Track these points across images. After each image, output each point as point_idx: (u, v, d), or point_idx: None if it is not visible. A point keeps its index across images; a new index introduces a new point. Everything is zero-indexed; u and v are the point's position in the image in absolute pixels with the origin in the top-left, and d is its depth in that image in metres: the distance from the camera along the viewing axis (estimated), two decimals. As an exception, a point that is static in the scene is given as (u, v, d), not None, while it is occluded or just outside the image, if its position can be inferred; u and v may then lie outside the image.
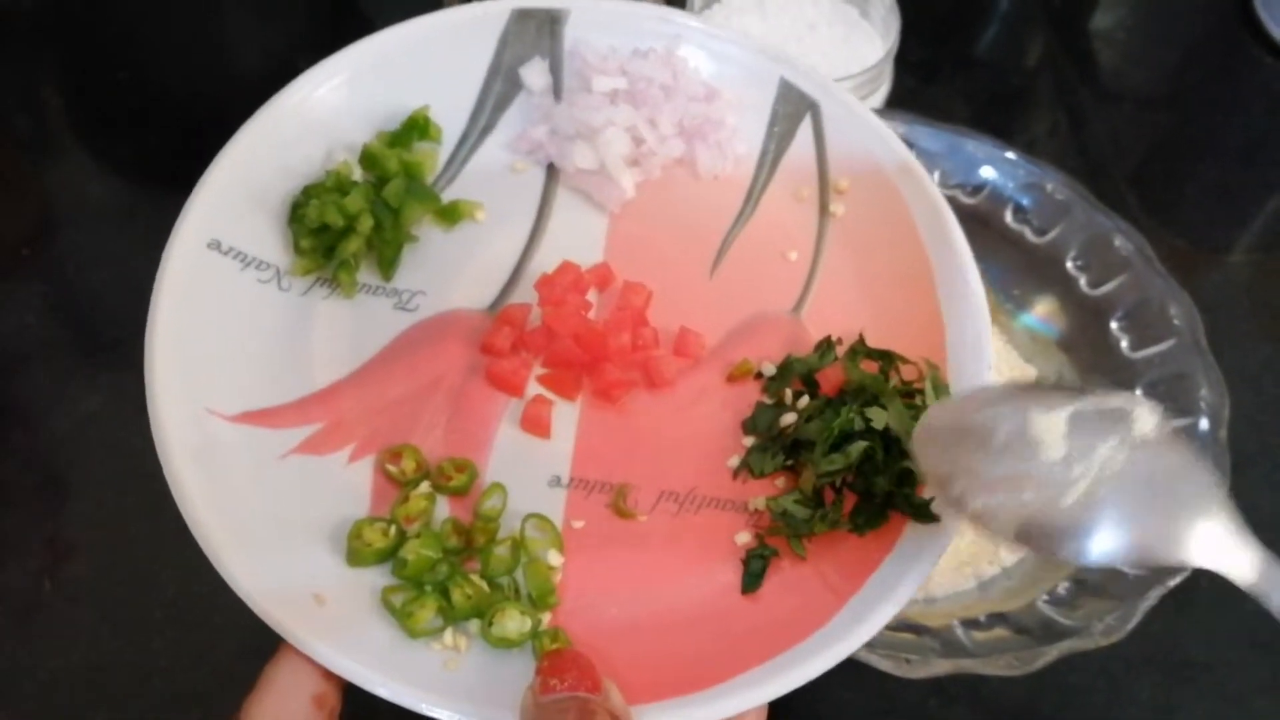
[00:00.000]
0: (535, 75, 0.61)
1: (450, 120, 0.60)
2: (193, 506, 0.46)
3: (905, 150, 0.60)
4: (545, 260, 0.57)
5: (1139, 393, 0.68)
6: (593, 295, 0.56)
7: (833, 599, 0.48)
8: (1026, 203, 0.74)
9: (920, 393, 0.53)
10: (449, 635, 0.46)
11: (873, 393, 0.52)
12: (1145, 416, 0.43)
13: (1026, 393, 0.45)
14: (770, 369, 0.55)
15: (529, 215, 0.59)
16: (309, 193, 0.56)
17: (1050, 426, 0.42)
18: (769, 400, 0.54)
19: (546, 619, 0.48)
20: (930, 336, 0.55)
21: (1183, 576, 0.60)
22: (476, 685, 0.45)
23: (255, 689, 0.44)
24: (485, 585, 0.48)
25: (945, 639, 0.61)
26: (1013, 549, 0.43)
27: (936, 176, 0.72)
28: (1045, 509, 0.41)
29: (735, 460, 0.53)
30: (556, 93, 0.62)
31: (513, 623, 0.46)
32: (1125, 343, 0.70)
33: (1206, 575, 0.63)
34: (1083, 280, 0.72)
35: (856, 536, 0.50)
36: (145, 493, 0.65)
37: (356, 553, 0.48)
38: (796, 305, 0.58)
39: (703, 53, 0.62)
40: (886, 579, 0.48)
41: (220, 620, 0.63)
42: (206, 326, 0.52)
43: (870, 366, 0.54)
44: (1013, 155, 0.74)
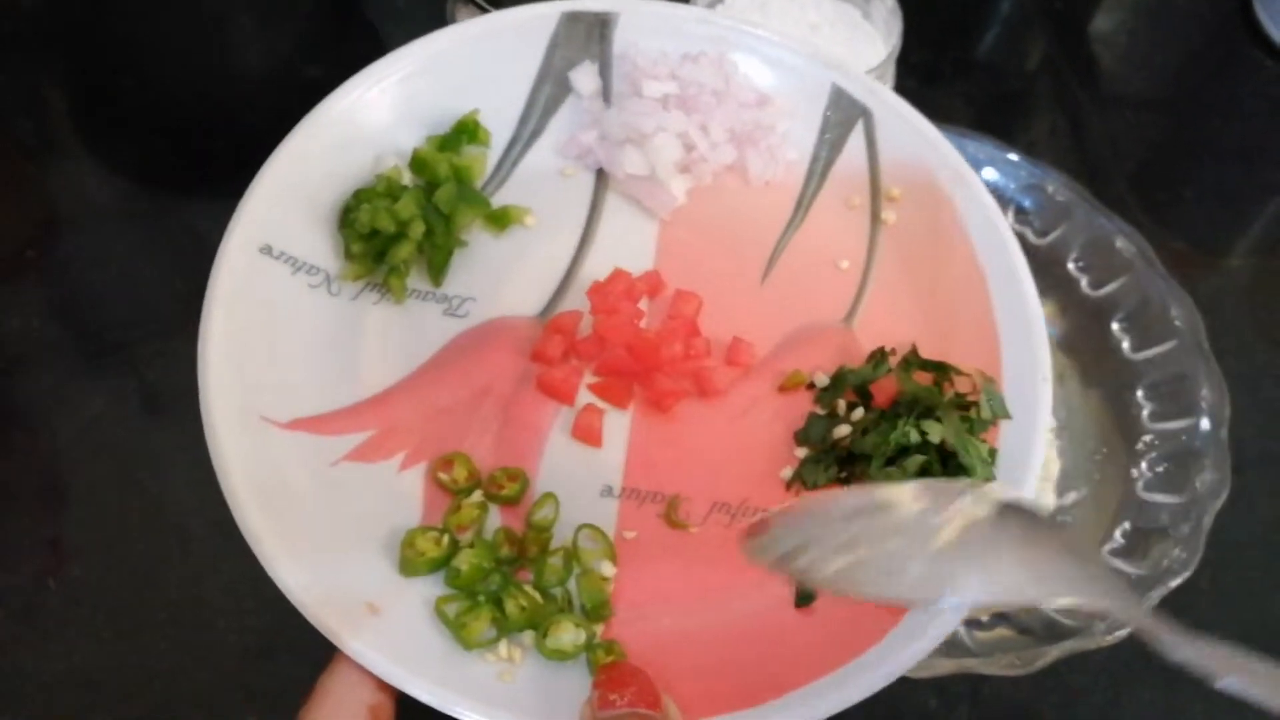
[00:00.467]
0: (585, 79, 0.61)
1: (499, 124, 0.60)
2: (248, 515, 0.46)
3: (958, 157, 0.59)
4: (595, 267, 0.57)
5: (1140, 394, 0.69)
6: (643, 303, 0.56)
7: (887, 614, 0.48)
8: (1028, 204, 0.74)
9: (975, 405, 0.53)
10: (503, 647, 0.46)
11: (927, 405, 0.52)
12: (998, 487, 0.44)
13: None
14: (823, 380, 0.54)
15: (579, 221, 0.59)
16: (360, 197, 0.55)
17: (899, 491, 0.42)
18: (822, 411, 0.54)
19: (600, 631, 0.48)
20: (984, 347, 0.55)
21: (1184, 577, 0.60)
22: (532, 698, 0.45)
23: (310, 699, 0.44)
24: (538, 596, 0.48)
25: (947, 638, 0.61)
26: (881, 603, 0.43)
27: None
28: (910, 557, 0.39)
29: (788, 472, 0.52)
30: (606, 97, 0.61)
31: (567, 635, 0.46)
32: (1126, 344, 0.70)
33: (1206, 576, 0.64)
34: (1084, 281, 0.72)
35: (911, 551, 0.50)
36: (148, 495, 0.66)
37: (409, 562, 0.48)
38: (848, 315, 0.57)
39: (754, 58, 0.61)
40: (943, 595, 0.48)
41: (223, 623, 0.63)
42: (258, 332, 0.51)
43: (924, 378, 0.54)
44: (1014, 157, 0.73)
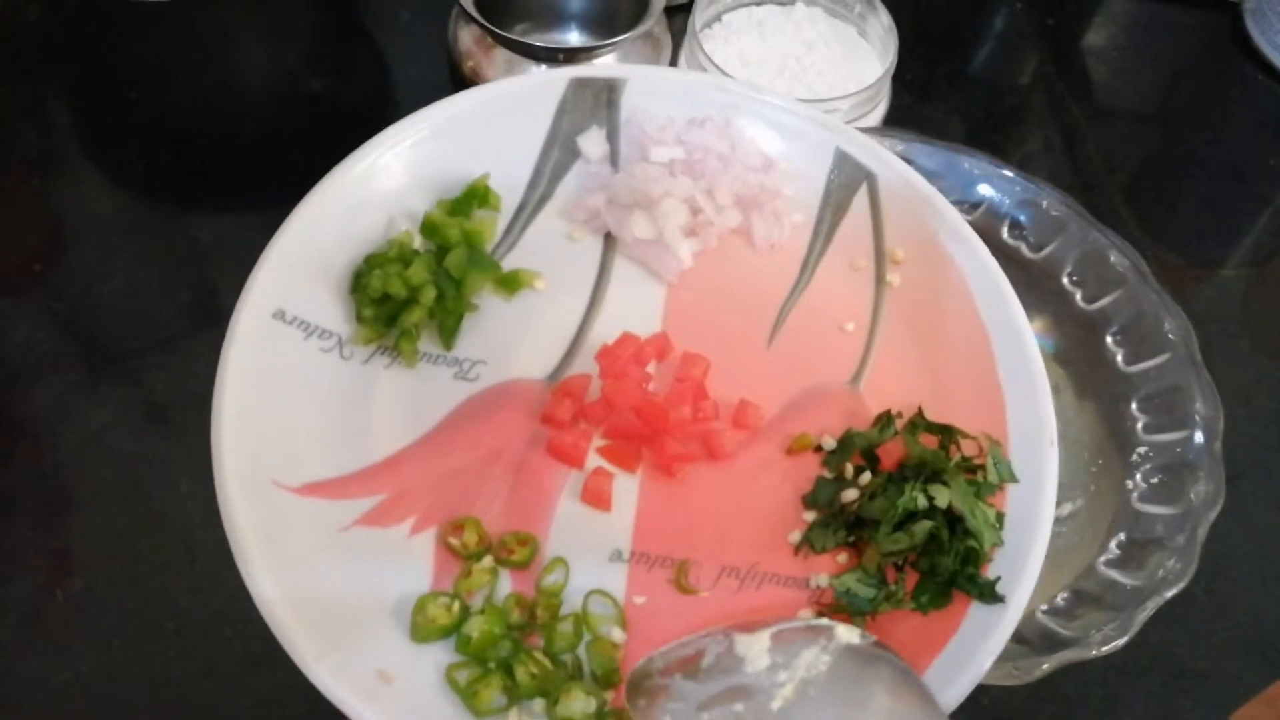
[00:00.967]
0: (593, 144, 0.62)
1: (509, 188, 0.61)
2: (260, 583, 0.46)
3: (959, 218, 0.60)
4: (604, 330, 0.58)
5: (1134, 407, 0.69)
6: (651, 366, 0.56)
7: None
8: (1023, 219, 0.74)
9: (981, 468, 0.53)
10: (514, 715, 0.46)
11: (934, 469, 0.52)
12: (846, 631, 0.46)
13: (733, 625, 0.48)
14: (830, 443, 0.55)
15: (587, 285, 0.60)
16: (371, 262, 0.56)
17: (754, 642, 0.45)
18: (829, 475, 0.54)
19: (611, 698, 0.48)
20: (990, 409, 0.55)
21: (1179, 587, 0.60)
22: (543, 767, 0.45)
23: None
24: (549, 663, 0.48)
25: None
26: None
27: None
28: (758, 717, 0.43)
29: (796, 535, 0.53)
30: (614, 161, 0.62)
31: (578, 703, 0.46)
32: (1120, 356, 0.71)
33: (1202, 586, 0.64)
34: (1078, 295, 0.73)
35: (920, 615, 0.50)
36: (153, 505, 0.67)
37: (421, 628, 0.48)
38: (854, 377, 0.58)
39: (759, 122, 0.62)
40: (953, 660, 0.48)
41: (230, 632, 0.63)
42: (271, 397, 0.52)
43: (930, 441, 0.54)
44: (1009, 172, 0.74)
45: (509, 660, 0.47)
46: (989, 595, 0.49)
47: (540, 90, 0.62)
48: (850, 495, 0.53)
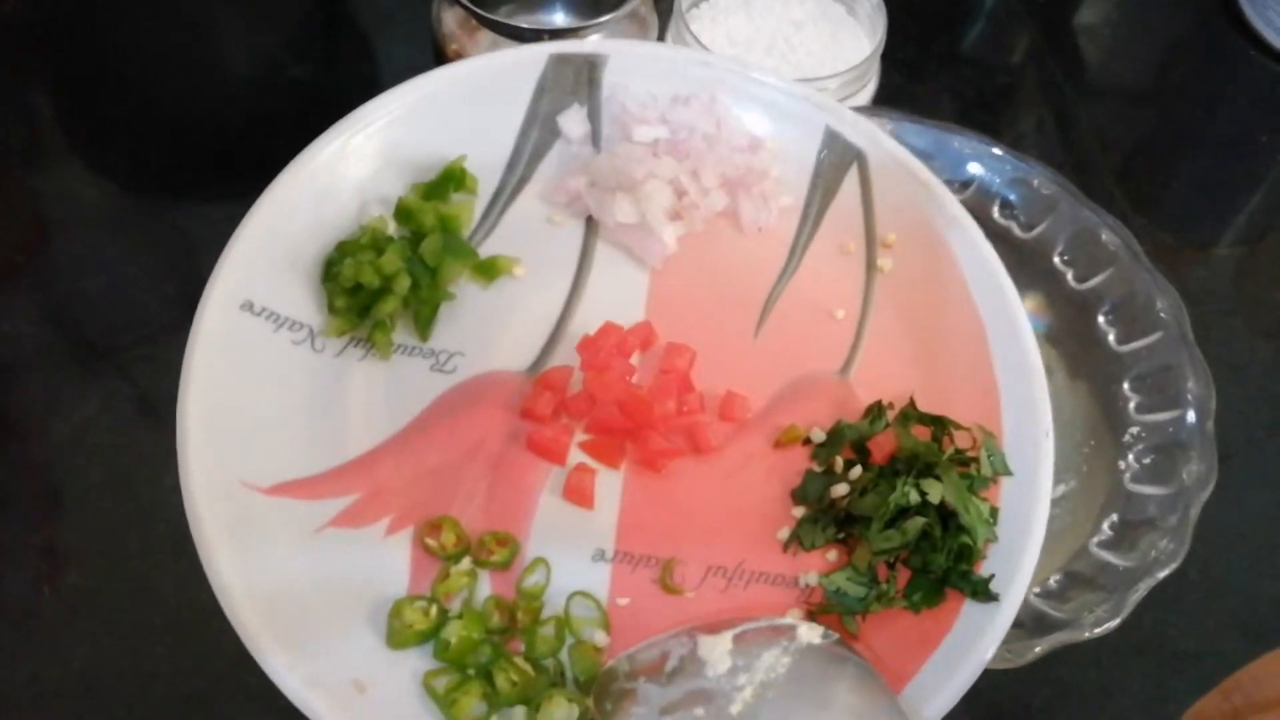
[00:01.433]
0: (574, 123, 0.59)
1: (486, 171, 0.59)
2: (228, 590, 0.45)
3: (955, 202, 0.58)
4: (586, 319, 0.56)
5: (1126, 386, 0.68)
6: (635, 356, 0.55)
7: (892, 680, 0.47)
8: (1013, 198, 0.73)
9: (975, 461, 0.52)
10: (495, 724, 0.45)
11: (926, 462, 0.51)
12: (808, 630, 0.46)
13: (699, 625, 0.47)
14: (820, 435, 0.53)
15: (568, 271, 0.57)
16: (343, 250, 0.54)
17: (716, 644, 0.45)
18: (819, 468, 0.53)
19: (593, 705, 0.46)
20: (984, 400, 0.54)
21: (1172, 568, 0.59)
22: (525, 779, 0.44)
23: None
24: (530, 669, 0.46)
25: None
26: None
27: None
28: None
29: (785, 532, 0.51)
30: (595, 141, 0.60)
31: (560, 711, 0.45)
32: (1112, 336, 0.70)
33: (1195, 567, 0.63)
34: (1069, 275, 0.72)
35: (912, 614, 0.49)
36: (142, 499, 0.65)
37: (397, 634, 0.46)
38: (844, 366, 0.56)
39: (745, 99, 0.60)
40: (947, 660, 0.47)
41: (220, 625, 0.62)
42: (240, 393, 0.50)
43: (922, 432, 0.53)
44: (999, 151, 0.73)
45: (489, 666, 0.46)
46: (983, 593, 0.48)
47: (518, 67, 0.59)
48: (840, 490, 0.51)
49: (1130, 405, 0.68)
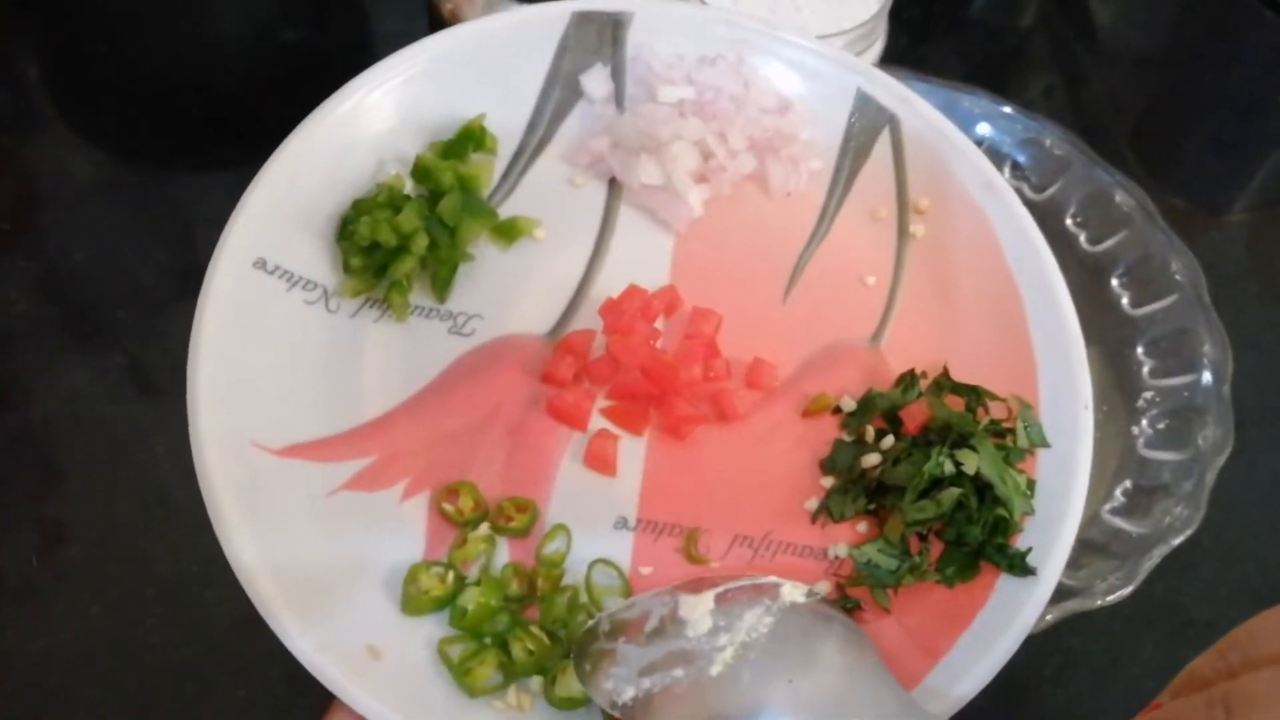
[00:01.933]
0: (596, 83, 0.58)
1: (506, 130, 0.57)
2: (240, 552, 0.43)
3: (991, 167, 0.56)
4: (608, 282, 0.54)
5: (1140, 351, 0.67)
6: (659, 321, 0.53)
7: (923, 657, 0.45)
8: (1023, 159, 0.72)
9: (1011, 432, 0.50)
10: (512, 694, 0.43)
11: (960, 432, 0.49)
12: (791, 589, 0.44)
13: (682, 584, 0.46)
14: (850, 404, 0.52)
15: (590, 234, 0.56)
16: (359, 208, 0.52)
17: (698, 604, 0.43)
18: (849, 438, 0.51)
19: (614, 676, 0.44)
20: (1020, 370, 0.52)
21: (1186, 535, 0.58)
22: (542, 750, 0.42)
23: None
24: (546, 638, 0.45)
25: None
26: None
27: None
28: (697, 682, 0.41)
29: (813, 503, 0.49)
30: (619, 101, 0.58)
31: (578, 682, 0.43)
32: (1126, 299, 0.69)
33: (1209, 534, 0.62)
34: (1082, 237, 0.71)
35: (945, 588, 0.47)
36: (133, 470, 0.65)
37: (413, 600, 0.45)
38: (875, 334, 0.54)
39: (775, 61, 0.58)
40: (981, 636, 0.45)
41: (211, 596, 0.62)
42: (252, 352, 0.48)
43: (956, 402, 0.51)
44: (1009, 110, 0.72)
45: (505, 635, 0.44)
46: (1019, 567, 0.46)
47: (540, 25, 0.58)
48: (871, 460, 0.49)
49: (1144, 370, 0.67)
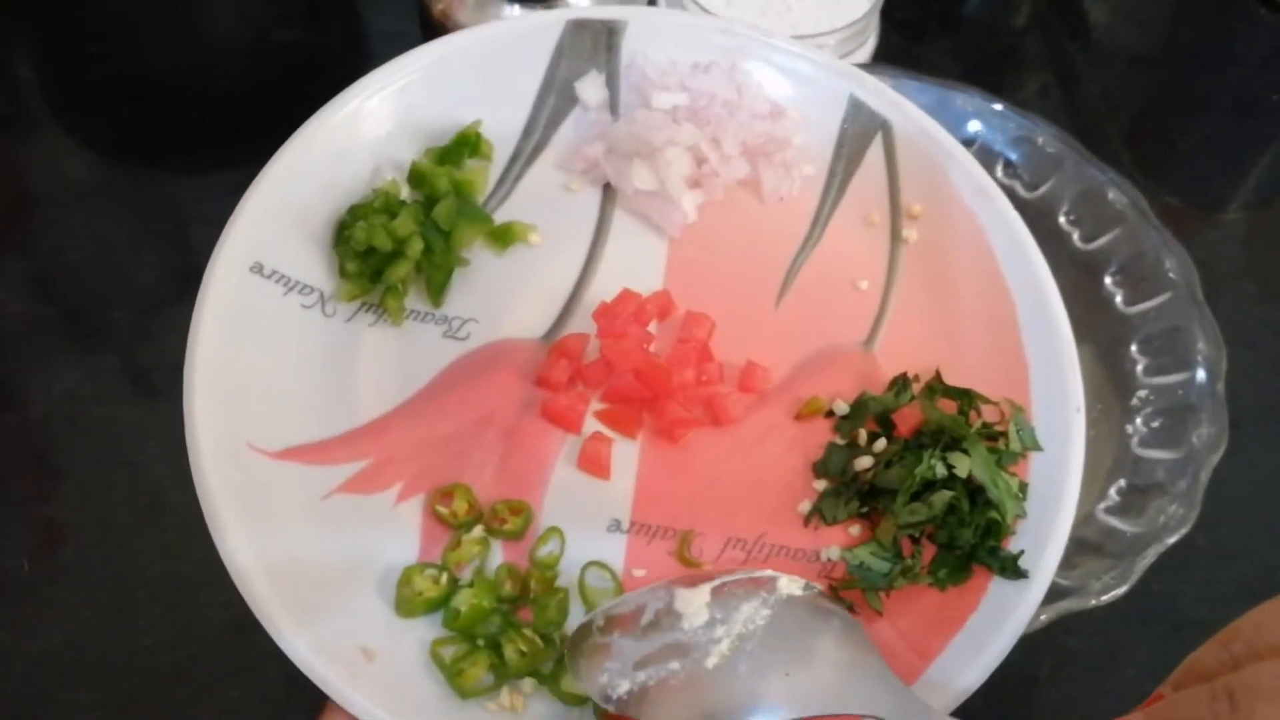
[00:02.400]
0: (591, 90, 0.58)
1: (502, 136, 0.57)
2: (235, 553, 0.43)
3: (983, 173, 0.56)
4: (603, 287, 0.54)
5: (1134, 349, 0.67)
6: (653, 326, 0.53)
7: (915, 659, 0.45)
8: (1016, 157, 0.72)
9: (1003, 435, 0.50)
10: (505, 695, 0.43)
11: (952, 436, 0.49)
12: (789, 582, 0.44)
13: (678, 579, 0.46)
14: (843, 407, 0.52)
15: (585, 239, 0.56)
16: (355, 213, 0.53)
17: (694, 598, 0.43)
18: (841, 441, 0.51)
19: (608, 677, 0.45)
20: (1012, 374, 0.52)
21: (1181, 534, 0.58)
22: (535, 751, 0.42)
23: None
24: (539, 640, 0.45)
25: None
26: None
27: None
28: (693, 675, 0.41)
29: (806, 505, 0.50)
30: (613, 108, 0.58)
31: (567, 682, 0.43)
32: (1120, 298, 0.68)
33: (1204, 533, 0.61)
34: (1075, 235, 0.70)
35: (937, 591, 0.47)
36: (128, 472, 0.65)
37: (406, 601, 0.45)
38: (868, 338, 0.55)
39: (767, 67, 0.59)
40: (973, 638, 0.45)
41: (204, 597, 0.62)
42: (248, 355, 0.49)
43: (948, 406, 0.51)
44: (1001, 108, 0.71)
45: (497, 637, 0.44)
46: (1011, 570, 0.46)
47: (536, 33, 0.58)
48: (864, 463, 0.49)
49: (1138, 368, 0.67)
